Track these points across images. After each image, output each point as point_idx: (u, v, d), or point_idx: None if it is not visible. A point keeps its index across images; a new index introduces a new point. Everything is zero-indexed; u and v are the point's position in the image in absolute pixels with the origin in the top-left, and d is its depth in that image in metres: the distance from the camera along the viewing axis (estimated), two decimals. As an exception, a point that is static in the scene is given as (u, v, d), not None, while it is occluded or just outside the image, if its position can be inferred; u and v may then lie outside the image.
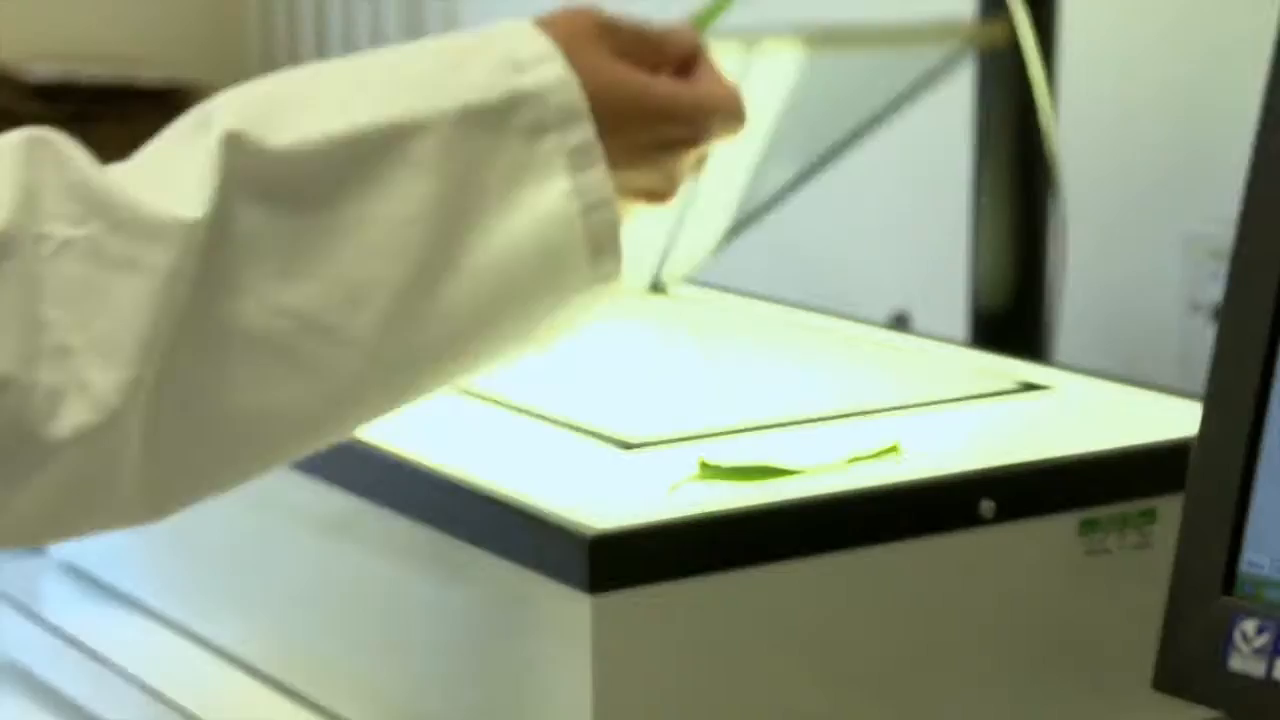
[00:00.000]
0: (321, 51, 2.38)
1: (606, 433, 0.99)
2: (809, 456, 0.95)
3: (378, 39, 2.28)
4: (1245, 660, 0.80)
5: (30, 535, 0.78)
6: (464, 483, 0.91)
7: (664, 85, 0.87)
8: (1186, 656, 0.82)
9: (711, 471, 0.93)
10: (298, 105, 0.81)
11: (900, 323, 1.52)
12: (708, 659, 0.88)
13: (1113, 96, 1.44)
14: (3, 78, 2.28)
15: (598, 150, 0.83)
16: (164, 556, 1.16)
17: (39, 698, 1.18)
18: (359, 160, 0.80)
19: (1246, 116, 0.84)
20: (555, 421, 1.02)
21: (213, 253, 0.77)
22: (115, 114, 2.29)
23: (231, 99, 0.81)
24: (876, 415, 1.04)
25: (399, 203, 0.80)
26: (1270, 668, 0.80)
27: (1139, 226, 1.44)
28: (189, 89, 2.35)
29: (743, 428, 1.01)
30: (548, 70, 0.83)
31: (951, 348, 1.22)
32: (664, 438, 0.99)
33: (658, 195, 0.89)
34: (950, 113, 1.35)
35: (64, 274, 0.75)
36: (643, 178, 0.88)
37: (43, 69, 2.30)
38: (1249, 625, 0.81)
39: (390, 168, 0.80)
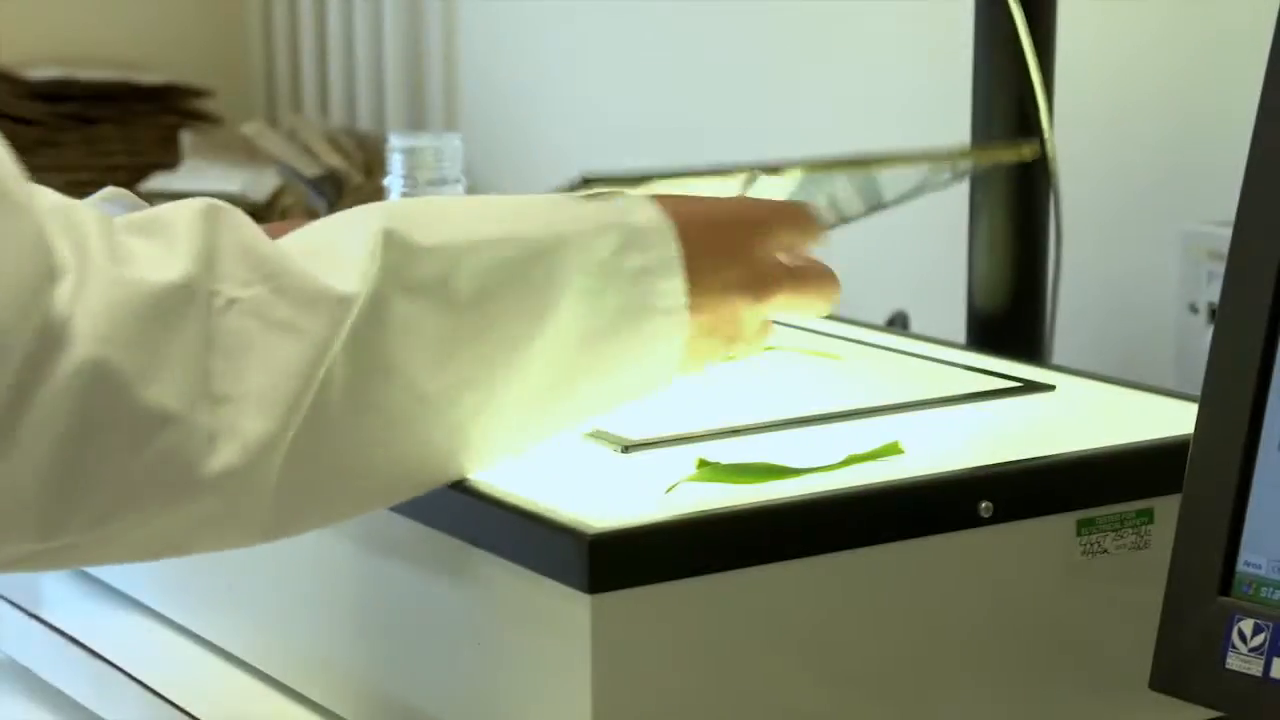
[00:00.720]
0: (322, 52, 2.38)
1: (606, 433, 0.99)
2: (807, 457, 0.95)
3: (377, 39, 2.28)
4: (1242, 660, 0.81)
5: (157, 552, 0.86)
6: (464, 483, 0.91)
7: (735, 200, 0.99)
8: (1184, 656, 0.82)
9: (710, 471, 0.93)
10: (436, 217, 0.90)
11: (899, 323, 1.52)
12: (707, 659, 0.88)
13: (1110, 97, 1.44)
14: (3, 78, 2.29)
15: (678, 263, 0.91)
16: (164, 556, 1.16)
17: (39, 698, 1.18)
18: (496, 270, 0.88)
19: (1244, 116, 0.85)
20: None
21: (365, 330, 0.84)
22: (115, 114, 2.30)
23: (377, 206, 0.90)
24: (875, 415, 1.04)
25: (526, 318, 0.89)
26: (1267, 667, 0.80)
27: (1136, 227, 1.44)
28: (189, 89, 2.35)
29: (742, 428, 1.01)
30: (647, 212, 0.92)
31: (950, 348, 1.23)
32: (663, 438, 0.99)
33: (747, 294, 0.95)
34: (950, 113, 1.36)
35: (230, 329, 0.82)
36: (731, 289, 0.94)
37: (43, 69, 2.30)
38: (1246, 625, 0.81)
39: (522, 284, 0.89)
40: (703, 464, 0.93)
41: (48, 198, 0.80)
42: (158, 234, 0.82)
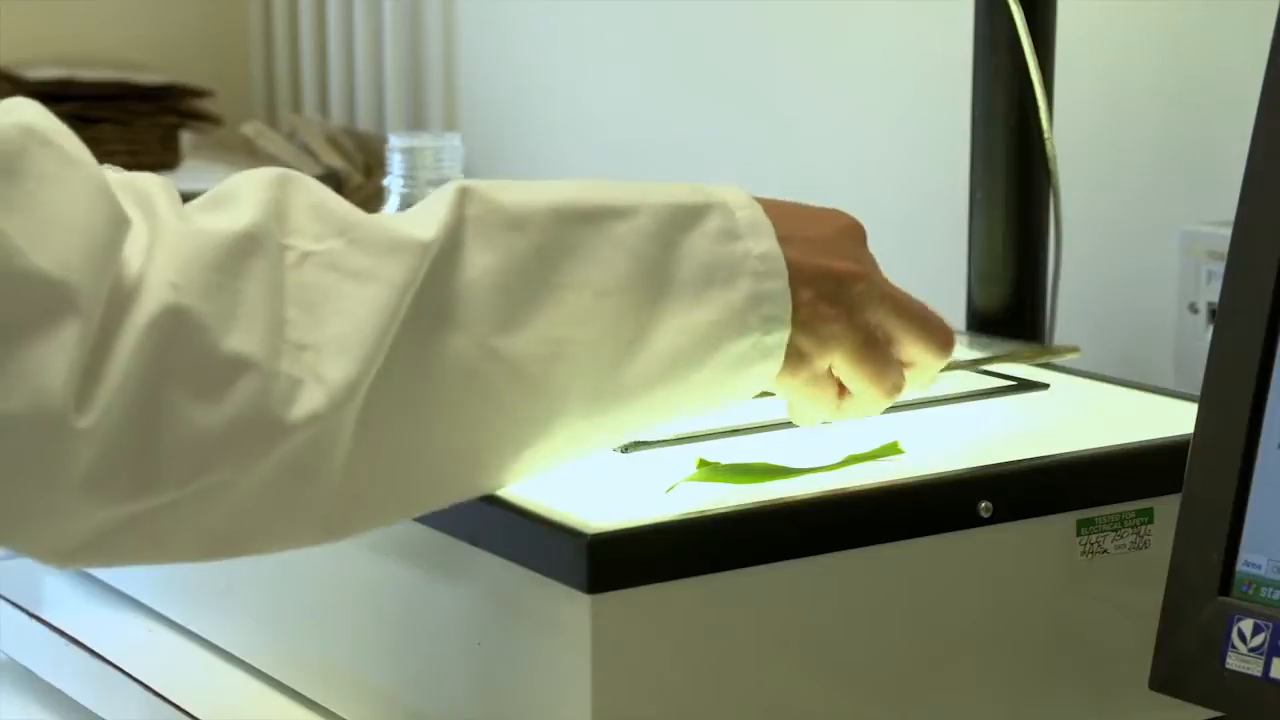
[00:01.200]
0: (322, 52, 2.38)
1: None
2: (807, 457, 0.95)
3: (377, 40, 2.28)
4: (1242, 660, 0.81)
5: (226, 536, 0.83)
6: (463, 483, 0.91)
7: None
8: (1183, 656, 0.82)
9: (710, 471, 0.93)
10: (515, 185, 0.88)
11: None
12: (707, 659, 0.88)
13: (1110, 96, 1.44)
14: (3, 78, 2.29)
15: (781, 263, 0.89)
16: (164, 557, 1.16)
17: (39, 698, 1.18)
18: (570, 228, 0.87)
19: (1244, 116, 0.85)
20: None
21: (441, 281, 0.84)
22: (115, 114, 2.30)
23: (453, 182, 0.87)
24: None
25: (602, 275, 0.87)
26: (1267, 667, 0.80)
27: (1136, 226, 1.44)
28: (189, 89, 2.35)
29: (741, 428, 1.01)
30: (734, 192, 0.91)
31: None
32: (662, 438, 0.99)
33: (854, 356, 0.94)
34: (949, 113, 1.36)
35: (304, 281, 0.81)
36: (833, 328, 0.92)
37: (43, 69, 2.30)
38: (1246, 625, 0.81)
39: (596, 241, 0.87)
40: (702, 464, 0.93)
41: (110, 170, 0.81)
42: (226, 201, 0.82)
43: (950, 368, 1.01)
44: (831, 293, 0.91)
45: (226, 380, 0.78)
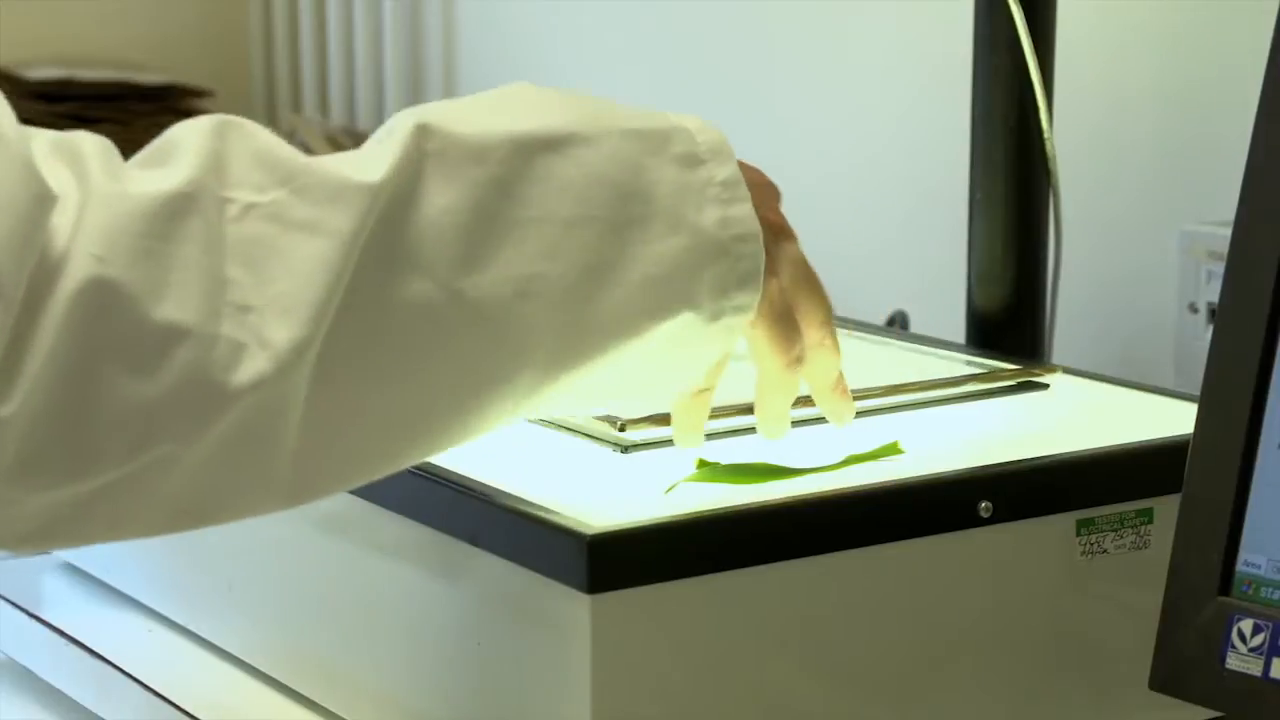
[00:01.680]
0: (321, 52, 2.38)
1: (605, 433, 0.99)
2: (807, 457, 0.95)
3: (377, 40, 2.28)
4: (1242, 660, 0.81)
5: (191, 505, 0.79)
6: (463, 483, 0.91)
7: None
8: (1183, 656, 0.82)
9: (710, 471, 0.93)
10: (475, 112, 0.84)
11: (899, 323, 1.52)
12: (706, 659, 0.88)
13: (1110, 96, 1.44)
14: (3, 78, 2.29)
15: (744, 189, 0.87)
16: (164, 557, 1.16)
17: (38, 697, 1.18)
18: (534, 158, 0.83)
19: (1244, 116, 0.85)
20: (553, 422, 1.02)
21: (396, 224, 0.79)
22: (115, 114, 2.30)
23: (408, 110, 0.84)
24: (875, 415, 1.05)
25: (572, 204, 0.83)
26: (1267, 667, 0.80)
27: (1136, 226, 1.44)
28: (189, 89, 2.35)
29: (741, 428, 1.01)
30: (694, 120, 0.88)
31: (949, 348, 1.23)
32: (663, 438, 0.99)
33: None
34: (949, 113, 1.36)
35: (246, 236, 0.77)
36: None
37: (43, 69, 2.30)
38: (1246, 625, 0.81)
39: (563, 169, 0.84)
40: (702, 464, 0.93)
41: (45, 134, 0.77)
42: (166, 155, 0.79)
43: (927, 387, 1.01)
44: (766, 240, 0.89)
45: (161, 350, 0.75)
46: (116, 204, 0.75)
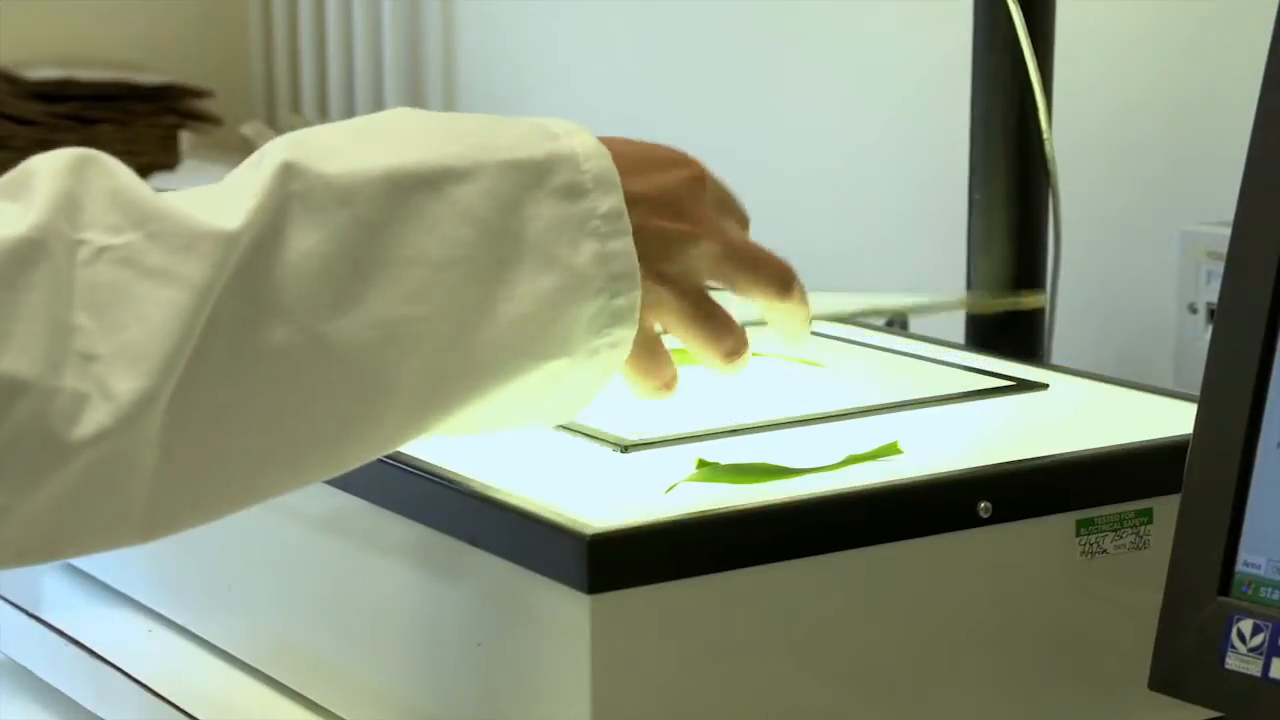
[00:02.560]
0: (321, 52, 2.38)
1: (604, 433, 0.99)
2: (807, 457, 0.95)
3: (376, 40, 2.28)
4: (1241, 660, 0.81)
5: (35, 545, 0.78)
6: (462, 483, 0.91)
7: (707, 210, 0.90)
8: (1183, 656, 0.82)
9: (710, 471, 0.93)
10: (347, 145, 0.82)
11: (898, 323, 1.52)
12: (706, 659, 0.88)
13: (1108, 96, 1.44)
14: (3, 78, 2.29)
15: (625, 221, 0.85)
16: (164, 557, 1.16)
17: (38, 698, 1.18)
18: (405, 197, 0.81)
19: (1243, 116, 0.85)
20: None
21: (256, 270, 0.77)
22: (115, 114, 2.30)
23: (282, 140, 0.82)
24: (874, 415, 1.05)
25: (442, 245, 0.81)
26: (1266, 667, 0.80)
27: (1135, 226, 1.44)
28: (188, 89, 2.35)
29: (741, 428, 1.01)
30: (582, 139, 0.86)
31: (948, 349, 1.23)
32: (662, 438, 0.99)
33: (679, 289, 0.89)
34: (949, 113, 1.36)
35: (97, 281, 0.75)
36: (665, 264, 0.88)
37: (43, 69, 2.30)
38: (1245, 625, 0.81)
39: (435, 209, 0.81)
40: (702, 464, 0.93)
41: None
42: (19, 190, 0.76)
43: (902, 313, 1.00)
44: (661, 255, 0.87)
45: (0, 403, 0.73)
46: None
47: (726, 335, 0.91)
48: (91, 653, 1.13)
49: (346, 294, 0.79)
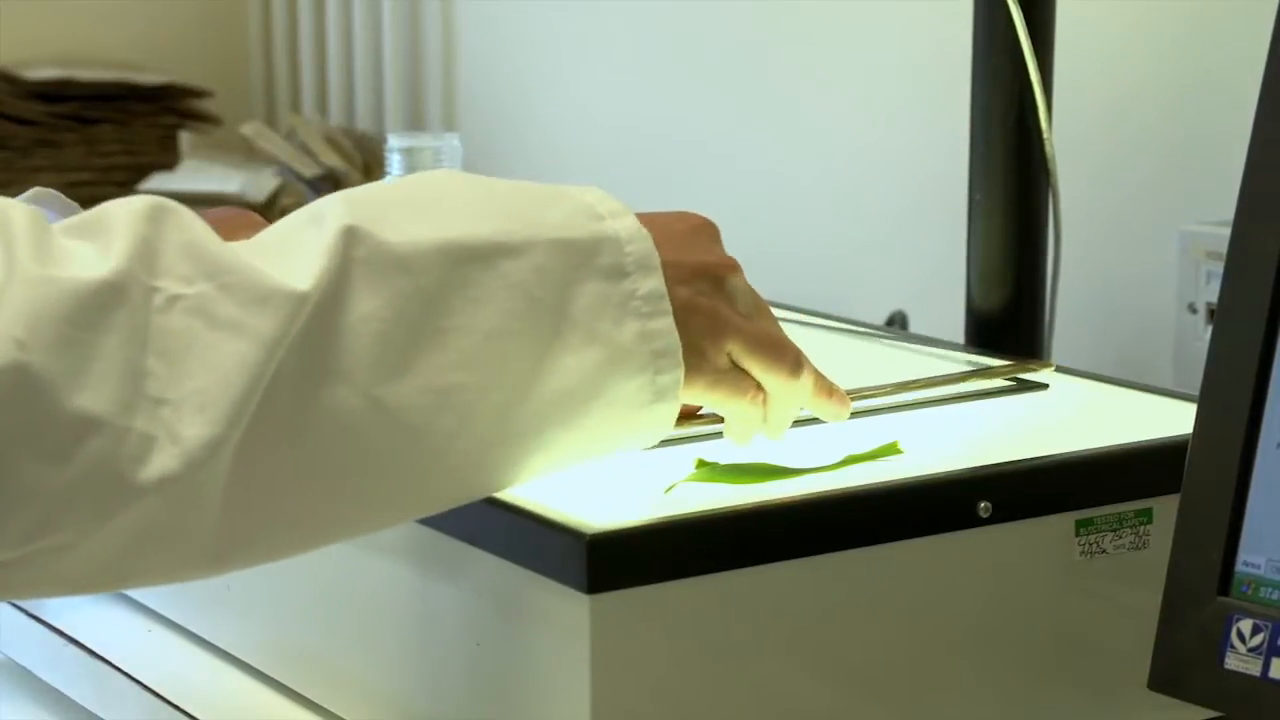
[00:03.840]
0: (320, 53, 2.38)
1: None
2: (806, 457, 0.95)
3: (376, 40, 2.28)
4: (1241, 660, 0.81)
5: (95, 580, 0.80)
6: (463, 483, 0.91)
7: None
8: (1182, 656, 0.82)
9: (709, 471, 0.93)
10: (403, 212, 0.84)
11: (898, 323, 1.52)
12: (706, 659, 0.88)
13: (1109, 96, 1.44)
14: (3, 78, 2.29)
15: (666, 303, 0.87)
16: (163, 557, 1.16)
17: (38, 698, 1.18)
18: (460, 269, 0.83)
19: (1243, 115, 0.85)
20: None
21: (319, 332, 0.80)
22: (115, 114, 2.30)
23: (339, 199, 0.84)
24: (874, 415, 1.05)
25: (492, 317, 0.83)
26: (1266, 667, 0.80)
27: (1135, 226, 1.44)
28: (188, 90, 2.35)
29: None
30: (626, 222, 0.88)
31: (949, 348, 1.23)
32: (662, 437, 0.99)
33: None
34: (949, 113, 1.36)
35: (171, 329, 0.77)
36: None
37: (42, 69, 2.30)
38: (1245, 625, 0.81)
39: (487, 281, 0.84)
40: (702, 464, 0.93)
41: None
42: (97, 233, 0.79)
43: (927, 385, 1.01)
44: (709, 286, 0.89)
45: (73, 440, 0.75)
46: (42, 288, 0.75)
47: (789, 344, 0.92)
48: (91, 653, 1.13)
49: (402, 359, 0.81)
